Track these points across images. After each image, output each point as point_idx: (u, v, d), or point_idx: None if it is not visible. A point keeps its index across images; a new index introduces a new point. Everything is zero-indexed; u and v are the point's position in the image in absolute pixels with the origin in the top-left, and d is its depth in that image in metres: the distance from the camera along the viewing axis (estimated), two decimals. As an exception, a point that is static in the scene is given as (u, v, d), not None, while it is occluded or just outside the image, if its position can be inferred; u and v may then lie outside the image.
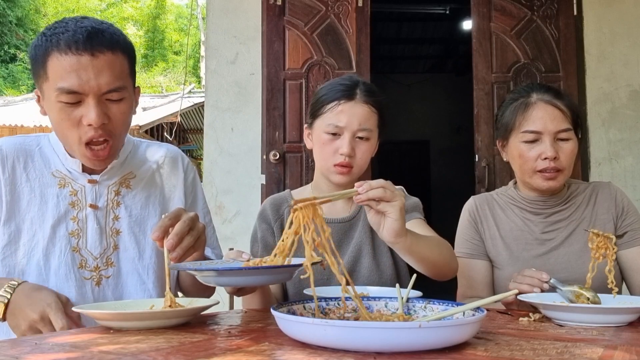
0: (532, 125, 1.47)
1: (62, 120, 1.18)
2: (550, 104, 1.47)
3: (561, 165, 1.45)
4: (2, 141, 1.30)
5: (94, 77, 1.15)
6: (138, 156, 1.39)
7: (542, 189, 1.50)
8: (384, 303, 0.99)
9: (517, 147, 1.50)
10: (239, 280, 1.04)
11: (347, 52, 3.46)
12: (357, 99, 1.41)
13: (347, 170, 1.41)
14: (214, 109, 3.51)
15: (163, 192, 1.39)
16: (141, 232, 1.33)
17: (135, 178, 1.35)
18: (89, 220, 1.28)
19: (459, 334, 0.75)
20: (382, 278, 1.45)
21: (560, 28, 3.46)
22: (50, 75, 1.15)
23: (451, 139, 8.25)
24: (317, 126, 1.44)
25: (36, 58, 1.18)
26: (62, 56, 1.13)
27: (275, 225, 1.48)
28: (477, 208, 1.62)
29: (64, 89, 1.14)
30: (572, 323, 1.02)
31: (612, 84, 3.46)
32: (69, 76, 1.14)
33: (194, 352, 0.74)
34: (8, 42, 17.76)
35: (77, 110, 1.17)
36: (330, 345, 0.73)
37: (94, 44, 1.15)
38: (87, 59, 1.14)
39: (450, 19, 6.40)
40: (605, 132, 3.44)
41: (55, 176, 1.29)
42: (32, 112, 9.92)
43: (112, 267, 1.29)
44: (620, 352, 0.76)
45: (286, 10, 3.48)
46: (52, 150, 1.31)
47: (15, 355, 0.72)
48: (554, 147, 1.44)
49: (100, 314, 0.93)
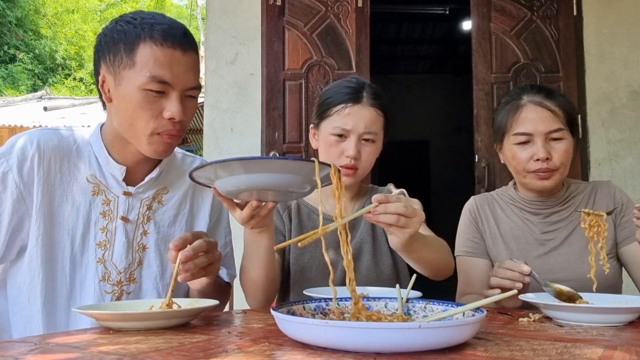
0: (522, 127, 1.48)
1: (141, 109, 1.15)
2: (540, 105, 1.48)
3: (554, 166, 1.46)
4: (38, 136, 1.22)
5: (183, 73, 1.16)
6: (173, 169, 1.36)
7: (537, 189, 1.50)
8: (384, 303, 0.99)
9: (510, 149, 1.51)
10: (264, 178, 0.97)
11: (347, 53, 3.46)
12: (363, 102, 1.43)
13: (352, 172, 1.44)
14: (214, 109, 3.51)
15: (192, 209, 1.37)
16: (166, 250, 1.28)
17: (167, 194, 1.33)
18: (117, 232, 1.24)
19: (458, 334, 0.75)
20: (381, 277, 1.46)
21: (560, 28, 3.46)
22: (139, 62, 1.13)
23: (451, 140, 8.25)
24: (323, 128, 1.47)
25: (119, 42, 1.15)
26: (158, 46, 1.13)
27: (284, 215, 1.52)
28: (477, 207, 1.63)
29: (157, 77, 1.13)
30: (572, 323, 1.02)
31: (612, 84, 3.46)
32: (161, 67, 1.13)
33: (194, 352, 0.74)
34: (8, 43, 17.75)
35: (160, 102, 1.16)
36: (330, 345, 0.73)
37: (187, 41, 1.17)
38: (179, 54, 1.15)
39: (449, 20, 6.40)
40: (605, 133, 3.44)
41: (90, 182, 1.24)
42: (32, 112, 9.94)
43: (133, 283, 1.26)
44: (620, 353, 0.76)
45: (286, 10, 3.48)
46: (90, 151, 1.26)
47: (14, 355, 0.72)
48: (545, 148, 1.45)
49: (100, 314, 0.93)
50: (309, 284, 1.42)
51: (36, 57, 18.12)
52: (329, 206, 1.53)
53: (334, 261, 1.47)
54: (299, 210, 1.54)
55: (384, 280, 1.46)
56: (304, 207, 1.55)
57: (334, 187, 0.96)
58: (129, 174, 1.27)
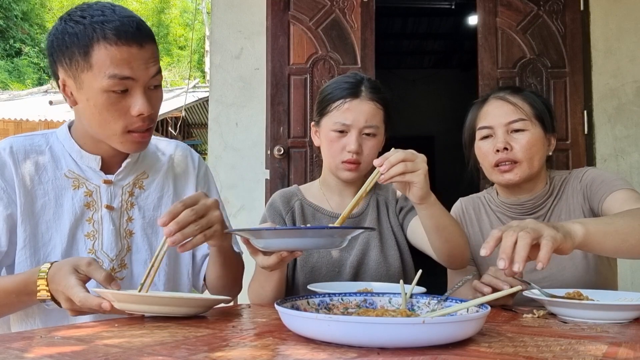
0: (484, 121, 1.50)
1: (107, 111, 1.15)
2: (502, 99, 1.49)
3: (515, 157, 1.44)
4: (11, 141, 1.25)
5: (143, 68, 1.15)
6: (150, 154, 1.38)
7: (501, 183, 1.49)
8: (388, 299, 0.99)
9: (477, 146, 1.51)
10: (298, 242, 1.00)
11: (352, 47, 3.45)
12: (362, 97, 1.43)
13: (355, 167, 1.44)
14: (219, 103, 3.51)
15: (176, 189, 1.38)
16: (153, 234, 1.31)
17: (147, 178, 1.34)
18: (104, 221, 1.26)
19: (462, 330, 0.75)
20: (390, 271, 1.46)
21: (566, 23, 3.43)
22: (96, 64, 1.12)
23: (456, 135, 8.17)
24: (324, 124, 1.47)
25: (72, 46, 1.13)
26: (113, 46, 1.12)
27: (287, 217, 1.51)
28: (463, 210, 1.63)
29: (117, 77, 1.12)
30: (577, 319, 1.02)
31: (619, 80, 3.43)
32: (119, 66, 1.12)
33: (199, 346, 0.74)
34: (13, 37, 17.78)
35: (125, 100, 1.15)
36: (334, 340, 0.73)
37: (142, 35, 1.15)
38: (136, 50, 1.14)
39: (455, 14, 6.37)
40: (612, 129, 3.42)
41: (69, 177, 1.26)
42: (38, 106, 9.95)
43: (125, 269, 1.27)
44: (625, 349, 0.76)
45: (291, 5, 3.47)
46: (62, 148, 1.28)
47: (20, 348, 0.72)
48: (505, 139, 1.45)
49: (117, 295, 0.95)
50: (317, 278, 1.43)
51: (42, 51, 18.12)
52: (334, 203, 1.53)
53: (341, 259, 1.46)
54: (302, 209, 1.53)
55: (393, 275, 1.46)
56: (308, 207, 1.54)
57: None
58: (106, 163, 1.28)
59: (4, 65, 17.05)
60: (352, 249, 1.47)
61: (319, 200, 1.54)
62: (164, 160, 1.39)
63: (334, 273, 1.44)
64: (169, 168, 1.38)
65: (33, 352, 0.70)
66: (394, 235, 1.51)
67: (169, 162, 1.39)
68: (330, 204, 1.52)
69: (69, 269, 1.03)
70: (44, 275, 1.05)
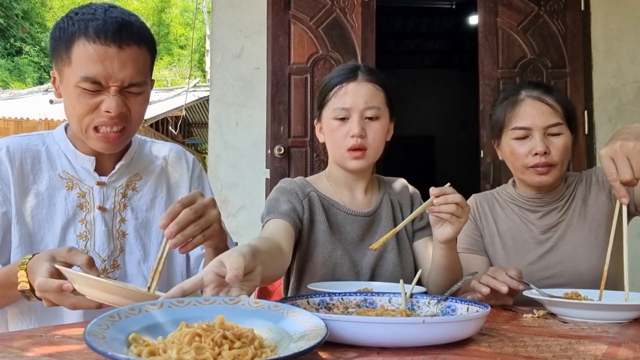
0: (521, 122, 1.48)
1: (79, 105, 1.17)
2: (539, 99, 1.48)
3: (553, 160, 1.45)
4: (7, 141, 1.27)
5: (118, 70, 1.15)
6: (143, 156, 1.38)
7: (535, 184, 1.50)
8: (388, 299, 0.99)
9: (509, 145, 1.51)
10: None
11: (353, 47, 3.45)
12: (359, 79, 1.41)
13: (362, 154, 1.39)
14: (219, 103, 3.51)
15: (169, 190, 1.38)
16: (147, 235, 1.32)
17: (141, 180, 1.35)
18: (97, 222, 1.27)
19: (462, 329, 0.75)
20: (405, 274, 1.43)
21: (567, 23, 3.43)
22: (74, 60, 1.14)
23: (457, 135, 8.22)
24: (325, 115, 1.44)
25: (59, 40, 1.16)
26: (90, 44, 1.13)
27: (304, 202, 1.42)
28: (477, 205, 1.64)
29: (88, 78, 1.13)
30: (577, 319, 1.02)
31: (619, 80, 3.43)
32: (94, 65, 1.13)
33: (198, 345, 0.74)
34: (14, 35, 17.78)
35: (97, 97, 1.16)
36: (334, 340, 0.73)
37: (123, 36, 1.15)
38: (114, 50, 1.14)
39: (456, 14, 6.37)
40: (612, 129, 3.41)
41: (63, 177, 1.27)
42: (38, 105, 9.95)
43: (118, 269, 1.28)
44: (625, 349, 0.76)
45: (292, 4, 3.47)
46: (58, 149, 1.29)
47: (20, 347, 0.72)
48: (544, 142, 1.44)
49: (75, 275, 0.93)
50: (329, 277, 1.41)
51: (42, 49, 18.15)
52: (346, 199, 1.47)
53: (360, 258, 1.44)
54: (319, 200, 1.45)
55: (408, 277, 1.43)
56: (323, 199, 1.46)
57: None
58: (100, 164, 1.29)
59: (4, 64, 17.06)
60: (366, 250, 1.43)
61: (331, 194, 1.48)
62: (158, 162, 1.40)
63: (353, 272, 1.41)
64: (163, 170, 1.39)
65: (33, 351, 0.70)
66: (409, 239, 1.49)
67: (163, 164, 1.40)
68: (343, 200, 1.47)
69: (46, 258, 1.02)
70: (24, 267, 1.05)
